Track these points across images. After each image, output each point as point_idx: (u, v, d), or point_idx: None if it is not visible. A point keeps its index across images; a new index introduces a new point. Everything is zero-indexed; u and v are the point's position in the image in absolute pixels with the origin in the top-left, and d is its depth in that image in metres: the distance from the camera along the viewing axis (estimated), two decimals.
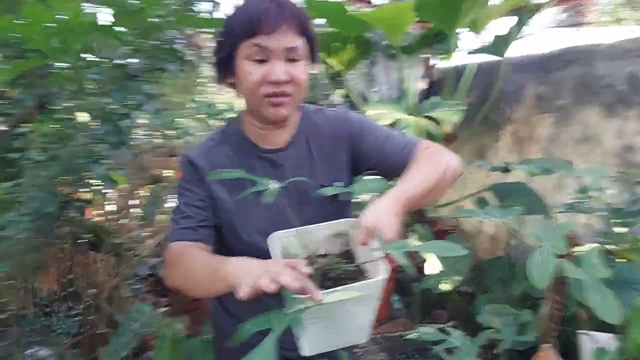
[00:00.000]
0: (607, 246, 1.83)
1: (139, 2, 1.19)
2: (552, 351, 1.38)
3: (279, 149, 1.28)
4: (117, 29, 1.20)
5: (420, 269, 3.17)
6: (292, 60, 1.17)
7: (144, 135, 2.19)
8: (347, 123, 1.35)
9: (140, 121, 2.19)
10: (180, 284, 1.15)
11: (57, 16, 1.11)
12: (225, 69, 1.20)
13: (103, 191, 1.87)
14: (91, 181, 1.64)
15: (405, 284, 3.22)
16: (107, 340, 2.15)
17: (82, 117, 1.40)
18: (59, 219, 1.57)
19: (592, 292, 1.29)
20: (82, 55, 1.23)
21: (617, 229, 1.74)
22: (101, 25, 1.18)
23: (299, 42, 1.16)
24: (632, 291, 1.47)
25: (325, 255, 1.12)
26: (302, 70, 1.19)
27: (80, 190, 1.92)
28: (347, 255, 1.12)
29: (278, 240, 1.08)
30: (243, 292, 0.85)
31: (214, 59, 1.22)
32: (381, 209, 1.05)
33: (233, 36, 1.14)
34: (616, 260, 1.82)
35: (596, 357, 1.41)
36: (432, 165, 1.22)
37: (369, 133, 1.34)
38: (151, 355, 2.55)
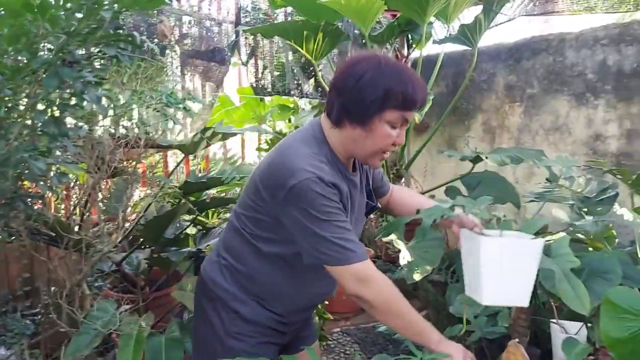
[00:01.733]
0: (577, 235, 1.82)
1: None
2: (521, 348, 1.36)
3: (354, 173, 1.50)
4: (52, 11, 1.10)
5: (394, 260, 3.14)
6: None
7: (102, 126, 2.10)
8: None
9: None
10: (384, 306, 1.34)
11: None
12: (353, 119, 1.33)
13: (62, 185, 1.78)
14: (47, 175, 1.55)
15: None
16: (70, 340, 2.07)
17: (21, 106, 1.31)
18: (3, 216, 1.48)
19: (562, 282, 1.28)
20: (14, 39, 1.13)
21: (586, 218, 1.73)
22: (29, 6, 1.08)
23: None
24: (601, 281, 1.45)
25: None
26: None
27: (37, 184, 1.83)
28: None
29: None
30: None
31: (346, 105, 1.32)
32: None
33: (385, 103, 1.29)
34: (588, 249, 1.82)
35: (566, 346, 1.41)
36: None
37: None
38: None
